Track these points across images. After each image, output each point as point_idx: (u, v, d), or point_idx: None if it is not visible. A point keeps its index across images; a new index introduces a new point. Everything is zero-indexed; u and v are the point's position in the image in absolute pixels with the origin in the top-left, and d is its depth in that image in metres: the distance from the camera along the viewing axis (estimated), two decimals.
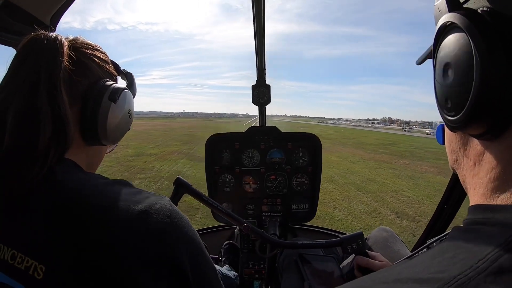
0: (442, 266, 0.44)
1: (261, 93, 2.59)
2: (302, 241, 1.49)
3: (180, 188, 1.41)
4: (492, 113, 0.47)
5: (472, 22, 0.48)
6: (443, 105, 0.56)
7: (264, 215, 2.39)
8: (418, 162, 23.00)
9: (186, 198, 1.45)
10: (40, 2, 1.26)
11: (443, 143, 0.67)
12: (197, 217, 8.34)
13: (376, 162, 22.43)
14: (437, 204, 1.99)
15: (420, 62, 0.75)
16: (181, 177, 1.42)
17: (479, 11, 0.50)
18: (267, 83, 2.62)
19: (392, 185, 14.26)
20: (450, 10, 0.54)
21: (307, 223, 2.63)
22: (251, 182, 2.43)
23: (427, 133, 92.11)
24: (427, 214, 9.59)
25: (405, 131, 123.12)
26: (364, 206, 10.70)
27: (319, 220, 8.87)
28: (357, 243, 1.39)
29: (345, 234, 1.50)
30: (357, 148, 32.44)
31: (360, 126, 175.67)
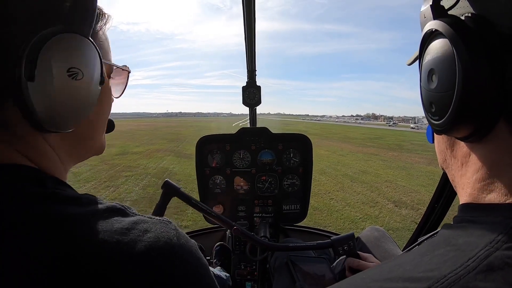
0: (433, 264, 0.45)
1: (251, 94, 2.53)
2: (293, 243, 1.50)
3: (169, 191, 1.38)
4: (474, 117, 0.48)
5: (455, 30, 0.49)
6: (428, 109, 0.58)
7: (255, 216, 2.41)
8: (407, 154, 23.20)
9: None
10: None
11: (433, 141, 0.68)
12: (188, 212, 7.95)
13: (366, 154, 22.51)
14: (433, 192, 1.95)
15: (410, 63, 0.76)
16: (169, 180, 1.40)
17: (463, 17, 0.52)
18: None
19: (385, 175, 14.28)
20: (435, 17, 0.55)
21: (299, 224, 2.61)
22: (242, 183, 2.42)
23: (412, 127, 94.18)
24: (424, 202, 9.55)
25: (389, 126, 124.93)
26: (360, 196, 10.60)
27: (317, 212, 8.70)
28: (348, 245, 1.39)
29: (336, 234, 1.48)
30: (344, 142, 32.56)
31: (344, 122, 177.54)
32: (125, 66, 0.80)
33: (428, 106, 0.57)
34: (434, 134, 0.67)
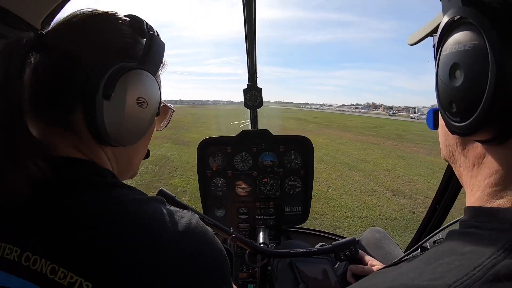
0: (438, 273, 0.44)
1: (253, 97, 2.56)
2: (293, 249, 1.50)
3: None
4: (505, 119, 0.44)
5: (488, 19, 0.42)
6: (446, 108, 0.52)
7: (257, 218, 2.41)
8: (406, 143, 23.18)
9: (173, 180, 1.18)
10: (30, 5, 1.20)
11: (434, 128, 0.64)
12: (185, 199, 7.88)
13: (364, 143, 22.49)
14: (431, 182, 1.84)
15: (414, 43, 0.71)
16: (164, 189, 1.39)
17: (495, 4, 0.44)
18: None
19: (383, 164, 14.26)
20: (464, 2, 0.48)
21: (301, 226, 2.62)
22: (243, 186, 2.42)
23: (411, 117, 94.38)
24: (423, 192, 9.58)
25: (389, 115, 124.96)
26: (358, 184, 10.59)
27: (315, 200, 8.57)
28: (349, 250, 1.40)
29: (338, 236, 1.44)
30: (344, 131, 32.51)
31: (344, 111, 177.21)
32: (171, 105, 0.97)
33: (447, 105, 0.51)
34: (441, 126, 0.62)
